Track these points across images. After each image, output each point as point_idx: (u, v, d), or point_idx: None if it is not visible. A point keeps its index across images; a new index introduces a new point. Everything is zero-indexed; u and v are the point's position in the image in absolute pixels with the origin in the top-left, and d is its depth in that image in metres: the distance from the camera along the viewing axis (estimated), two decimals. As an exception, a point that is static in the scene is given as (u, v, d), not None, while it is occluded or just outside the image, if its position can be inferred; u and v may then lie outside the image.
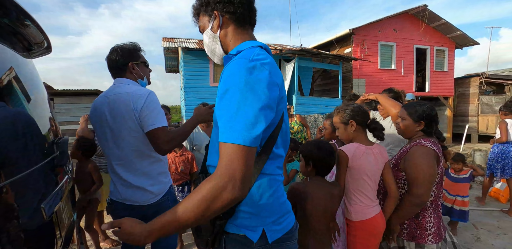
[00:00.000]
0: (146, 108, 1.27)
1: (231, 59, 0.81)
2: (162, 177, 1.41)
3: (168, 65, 11.30)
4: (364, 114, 1.46)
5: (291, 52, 7.70)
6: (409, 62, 10.12)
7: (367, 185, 1.42)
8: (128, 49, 1.42)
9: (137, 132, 1.29)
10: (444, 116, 11.11)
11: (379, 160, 1.45)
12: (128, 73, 1.41)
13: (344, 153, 1.40)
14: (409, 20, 9.94)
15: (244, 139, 0.65)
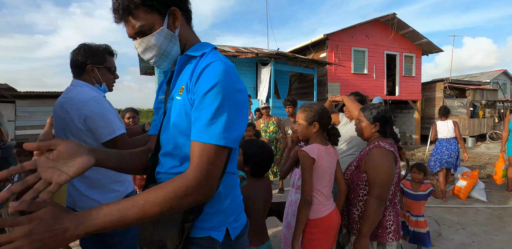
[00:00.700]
0: (90, 119, 1.19)
1: (190, 61, 0.78)
2: (116, 185, 1.34)
3: (143, 67, 11.01)
4: (328, 119, 1.51)
5: (267, 56, 7.79)
6: (380, 67, 10.61)
7: (327, 183, 1.48)
8: (94, 49, 1.33)
9: (84, 141, 1.21)
10: (413, 119, 11.73)
11: (334, 159, 1.54)
12: (86, 76, 1.33)
13: (308, 155, 1.42)
14: (380, 27, 10.45)
15: (226, 140, 0.67)
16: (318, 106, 1.52)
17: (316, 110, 1.49)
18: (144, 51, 0.78)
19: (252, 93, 8.59)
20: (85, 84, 1.32)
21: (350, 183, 1.58)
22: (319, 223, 1.44)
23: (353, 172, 1.56)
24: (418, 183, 2.65)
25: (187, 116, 0.72)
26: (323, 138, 1.54)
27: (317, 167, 1.44)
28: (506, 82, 18.91)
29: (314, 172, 1.44)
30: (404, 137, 11.59)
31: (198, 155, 0.66)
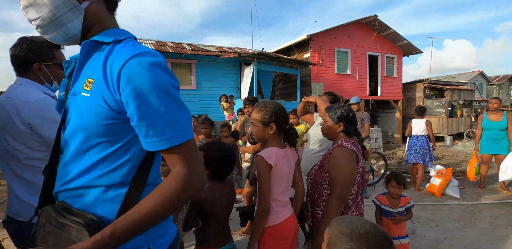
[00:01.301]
0: (36, 121, 1.09)
1: (98, 48, 0.67)
2: None
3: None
4: (286, 119, 1.42)
5: (250, 56, 7.75)
6: (363, 68, 10.79)
7: (284, 189, 1.40)
8: (39, 44, 1.19)
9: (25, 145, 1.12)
10: (394, 118, 12.00)
11: (292, 162, 1.46)
12: (32, 75, 1.20)
13: (265, 160, 1.31)
14: (362, 28, 10.63)
15: (191, 133, 0.67)
16: (273, 105, 1.40)
17: (272, 110, 1.37)
18: (28, 7, 0.63)
19: (236, 93, 8.53)
20: (31, 82, 1.20)
21: (314, 182, 1.55)
22: (271, 231, 1.36)
23: (317, 172, 1.53)
24: (397, 198, 2.21)
25: (99, 117, 0.62)
26: (280, 139, 1.44)
27: (275, 172, 1.34)
28: (482, 83, 19.70)
29: (272, 178, 1.34)
30: (386, 136, 11.84)
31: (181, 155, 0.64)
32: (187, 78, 8.27)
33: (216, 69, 8.49)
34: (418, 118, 4.60)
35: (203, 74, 8.34)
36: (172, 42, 9.42)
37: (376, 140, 9.12)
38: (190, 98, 8.12)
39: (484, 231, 3.00)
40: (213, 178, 1.49)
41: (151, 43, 8.58)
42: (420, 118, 4.56)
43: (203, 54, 7.98)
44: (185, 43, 9.63)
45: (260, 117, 1.39)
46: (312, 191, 1.57)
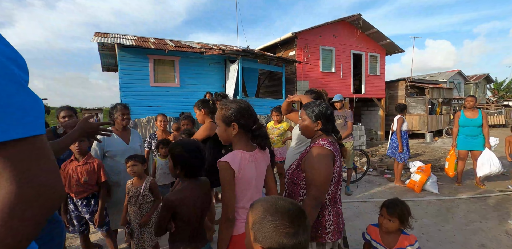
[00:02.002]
0: None
1: None
2: None
3: (104, 63, 10.36)
4: (250, 118, 1.29)
5: (234, 53, 7.66)
6: (347, 66, 10.92)
7: (254, 195, 1.32)
8: None
9: None
10: (378, 116, 12.26)
11: (262, 165, 1.37)
12: None
13: (228, 166, 1.20)
14: (346, 27, 10.74)
15: (35, 127, 0.48)
16: (237, 103, 1.29)
17: (234, 108, 1.26)
18: None
19: (221, 91, 8.41)
20: None
21: (291, 182, 1.51)
22: (239, 239, 1.24)
23: (294, 171, 1.50)
24: (392, 234, 1.68)
25: None
26: (247, 141, 1.32)
27: (239, 179, 1.23)
28: (460, 81, 20.46)
29: (236, 185, 1.24)
30: (370, 133, 12.08)
31: (3, 170, 0.44)
32: (171, 75, 8.07)
33: (200, 67, 8.33)
34: (398, 115, 4.76)
35: (187, 71, 8.17)
36: (154, 38, 9.17)
37: (360, 137, 9.27)
38: (173, 96, 7.95)
39: (459, 225, 3.10)
40: (186, 176, 1.44)
41: (132, 38, 8.31)
42: (398, 115, 4.76)
43: (187, 50, 7.81)
44: (168, 40, 9.40)
45: (222, 116, 1.29)
46: (290, 190, 1.54)
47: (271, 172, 1.45)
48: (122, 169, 2.39)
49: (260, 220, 0.74)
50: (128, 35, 8.93)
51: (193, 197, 1.39)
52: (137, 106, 7.48)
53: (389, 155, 4.81)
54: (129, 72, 7.50)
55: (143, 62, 7.64)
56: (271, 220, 0.72)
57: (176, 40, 9.59)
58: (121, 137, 2.48)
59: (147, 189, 2.21)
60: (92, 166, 2.19)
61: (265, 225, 0.73)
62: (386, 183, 4.85)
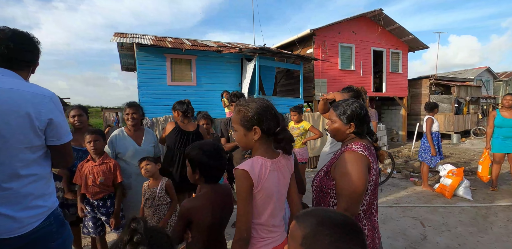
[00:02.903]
0: (57, 116, 1.07)
1: None
2: (41, 199, 1.09)
3: (123, 63, 10.55)
4: (274, 119, 1.11)
5: (251, 51, 7.53)
6: (367, 64, 10.52)
7: (276, 210, 1.15)
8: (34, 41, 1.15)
9: (27, 145, 1.03)
10: (400, 115, 11.75)
11: (286, 173, 1.18)
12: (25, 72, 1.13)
13: (247, 175, 1.03)
14: (367, 23, 10.33)
15: None
16: (257, 103, 1.10)
17: (255, 110, 1.07)
18: None
19: (237, 90, 8.32)
20: (17, 75, 1.09)
21: (319, 190, 1.36)
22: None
23: (323, 178, 1.34)
24: None
25: None
26: (269, 146, 1.15)
27: (259, 191, 1.06)
28: (489, 79, 19.29)
29: (255, 198, 1.07)
30: (391, 133, 11.60)
31: None
32: (187, 74, 8.06)
33: (217, 65, 8.27)
34: (427, 114, 4.43)
35: (203, 70, 8.13)
36: (172, 38, 9.21)
37: (381, 137, 8.90)
38: (190, 95, 7.91)
39: (500, 236, 2.81)
40: (207, 182, 1.32)
41: (150, 38, 8.37)
42: (427, 115, 4.41)
43: (203, 49, 7.77)
44: (185, 39, 9.42)
45: (240, 120, 1.11)
46: (318, 199, 1.39)
47: (294, 182, 1.27)
48: (133, 171, 2.32)
49: (314, 234, 0.65)
50: (146, 35, 9.02)
51: (212, 204, 1.27)
52: (154, 105, 7.53)
53: (419, 159, 4.49)
54: (147, 71, 7.56)
55: (160, 62, 7.67)
56: (328, 234, 0.63)
57: (193, 39, 9.59)
58: (133, 137, 2.39)
59: (162, 190, 2.14)
60: (109, 166, 2.13)
61: (321, 240, 0.63)
62: (412, 187, 4.56)
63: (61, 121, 1.10)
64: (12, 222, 1.01)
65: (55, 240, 1.12)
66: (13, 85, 1.01)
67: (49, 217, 1.11)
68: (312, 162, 6.71)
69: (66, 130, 1.13)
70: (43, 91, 1.06)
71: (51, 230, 1.11)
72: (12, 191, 1.01)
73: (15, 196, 1.02)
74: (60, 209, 1.23)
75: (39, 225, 1.07)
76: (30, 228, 1.04)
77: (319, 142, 6.79)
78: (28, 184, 1.04)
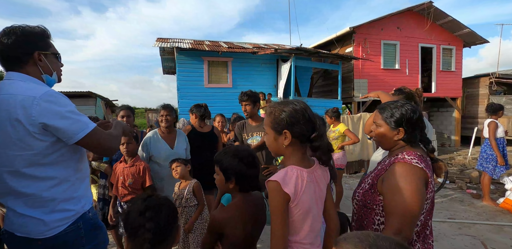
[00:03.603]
0: (49, 117, 0.97)
1: None
2: (69, 203, 1.09)
3: (165, 66, 11.11)
4: (308, 125, 0.98)
5: (287, 52, 7.38)
6: (414, 62, 9.68)
7: (313, 226, 1.03)
8: (35, 33, 1.07)
9: (28, 150, 0.99)
10: (452, 118, 10.60)
11: (322, 185, 1.05)
12: (29, 66, 1.07)
13: (280, 188, 0.92)
14: (414, 17, 9.52)
15: None
16: (291, 105, 0.99)
17: (287, 112, 0.97)
18: None
19: (273, 91, 8.23)
20: (28, 77, 1.05)
21: (362, 205, 1.18)
22: None
23: (367, 192, 1.16)
24: None
25: None
26: (304, 154, 1.02)
27: (295, 206, 0.95)
28: None
29: (291, 213, 0.95)
30: (441, 138, 10.51)
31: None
32: (223, 76, 8.20)
33: (252, 67, 8.28)
34: (489, 117, 3.88)
35: (239, 72, 8.19)
36: (209, 41, 9.46)
37: (429, 142, 8.09)
38: (226, 97, 8.03)
39: None
40: (241, 191, 1.23)
41: (189, 42, 8.68)
42: (489, 118, 3.86)
43: (239, 51, 7.83)
44: (222, 42, 9.61)
45: (271, 122, 1.01)
46: (360, 215, 1.21)
47: (330, 194, 1.13)
48: (165, 174, 2.32)
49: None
50: (185, 39, 9.39)
51: (243, 216, 1.17)
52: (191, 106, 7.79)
53: (479, 168, 3.93)
54: (185, 74, 7.84)
55: (198, 64, 7.91)
56: None
57: (229, 42, 9.75)
58: (166, 140, 2.40)
59: (190, 192, 2.13)
60: (138, 169, 2.14)
61: None
62: (470, 200, 4.01)
63: (58, 123, 0.98)
64: (41, 225, 1.02)
65: (84, 244, 1.11)
66: (11, 90, 0.99)
67: (77, 221, 1.10)
68: (350, 167, 6.32)
69: (77, 126, 1.02)
70: (34, 93, 0.98)
71: (79, 234, 1.10)
72: (35, 195, 1.02)
73: (40, 200, 1.03)
74: (94, 212, 1.22)
75: (66, 229, 1.06)
76: (56, 231, 1.04)
77: (359, 146, 6.37)
78: (49, 188, 1.03)
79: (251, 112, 2.43)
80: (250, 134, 2.46)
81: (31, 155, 0.99)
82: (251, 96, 2.42)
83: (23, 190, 1.01)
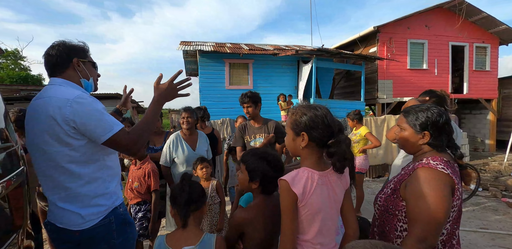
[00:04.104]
0: (79, 118, 1.06)
1: None
2: (101, 198, 1.17)
3: (188, 69, 11.41)
4: (326, 131, 1.00)
5: (308, 53, 7.32)
6: (444, 61, 9.19)
7: (325, 231, 1.03)
8: (75, 45, 1.24)
9: (66, 146, 1.08)
10: (486, 121, 9.93)
11: (338, 189, 1.05)
12: (70, 71, 1.20)
13: (289, 187, 0.96)
14: (444, 15, 9.06)
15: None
16: (313, 109, 1.01)
17: (306, 115, 1.00)
18: None
19: (294, 93, 8.18)
20: (67, 82, 1.18)
21: (384, 210, 1.15)
22: None
23: (389, 197, 1.13)
24: None
25: None
26: (320, 157, 1.04)
27: (303, 206, 0.98)
28: None
29: (300, 213, 0.98)
30: (473, 142, 9.87)
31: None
32: (244, 78, 8.28)
33: (273, 68, 8.29)
34: None
35: (259, 73, 8.24)
36: (230, 43, 9.60)
37: (461, 146, 7.63)
38: (246, 98, 8.08)
39: None
40: (263, 192, 1.25)
41: (211, 45, 8.87)
42: None
43: (260, 53, 7.87)
44: (243, 44, 9.71)
45: (291, 123, 1.06)
46: (381, 221, 1.18)
47: (349, 200, 1.12)
48: None
49: None
50: (207, 42, 9.60)
51: (264, 218, 1.19)
52: (213, 108, 7.92)
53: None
54: (207, 76, 8.02)
55: (220, 66, 8.05)
56: None
57: (250, 44, 9.83)
58: (188, 142, 2.45)
59: (214, 190, 2.20)
60: (144, 172, 2.16)
61: None
62: (505, 210, 3.73)
63: (87, 124, 1.06)
64: (78, 218, 1.12)
65: (115, 238, 1.19)
66: (51, 93, 1.10)
67: (109, 215, 1.18)
68: (373, 170, 6.12)
69: (104, 128, 1.08)
70: (69, 95, 1.07)
71: (111, 228, 1.18)
72: (72, 190, 1.11)
73: (76, 195, 1.12)
74: (124, 208, 1.30)
75: (99, 222, 1.15)
76: (91, 224, 1.13)
77: (383, 150, 6.16)
78: (84, 184, 1.12)
79: (253, 113, 2.39)
80: (252, 136, 2.41)
81: (68, 152, 1.08)
82: (252, 97, 2.37)
83: (65, 185, 1.10)
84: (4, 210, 1.16)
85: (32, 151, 1.13)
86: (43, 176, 1.13)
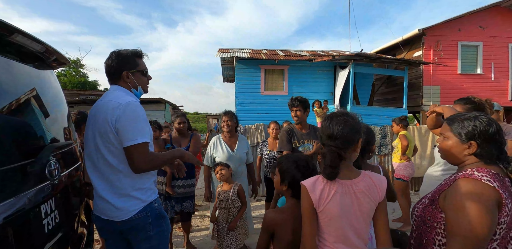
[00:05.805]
0: (121, 120, 1.20)
1: None
2: (138, 193, 1.29)
3: (225, 75, 11.82)
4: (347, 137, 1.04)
5: (345, 58, 7.14)
6: (502, 65, 8.29)
7: (345, 240, 1.02)
8: (125, 55, 1.38)
9: (110, 143, 1.23)
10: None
11: (365, 200, 1.02)
12: (121, 82, 1.38)
13: (307, 191, 1.00)
14: (502, 14, 8.22)
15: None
16: (334, 119, 1.04)
17: (327, 124, 1.05)
18: None
19: (330, 99, 8.01)
20: (122, 89, 1.36)
21: (421, 221, 1.09)
22: None
23: (427, 207, 1.07)
24: None
25: None
26: (348, 165, 1.07)
27: (321, 212, 1.00)
28: None
29: (318, 218, 1.01)
30: (540, 156, 8.65)
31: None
32: (279, 84, 8.34)
33: (308, 74, 8.23)
34: None
35: (295, 79, 8.23)
36: (266, 50, 9.76)
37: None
38: (282, 104, 8.11)
39: None
40: (293, 196, 1.28)
41: (247, 51, 9.10)
42: None
43: (295, 59, 7.88)
44: (279, 50, 9.81)
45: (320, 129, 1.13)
46: (419, 233, 1.11)
47: (384, 214, 1.07)
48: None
49: None
50: (244, 49, 9.87)
51: (294, 220, 1.20)
52: (248, 113, 8.09)
53: None
54: (243, 82, 8.23)
55: (255, 72, 8.22)
56: None
57: (286, 50, 9.89)
58: (228, 143, 2.60)
59: (235, 194, 2.28)
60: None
61: None
62: None
63: (123, 126, 1.19)
64: (116, 210, 1.24)
65: (151, 230, 1.30)
66: (110, 97, 1.28)
67: (145, 208, 1.29)
68: (417, 183, 5.68)
69: (133, 135, 1.20)
70: (122, 100, 1.23)
71: (147, 220, 1.30)
72: (113, 183, 1.25)
73: (116, 188, 1.25)
74: (159, 203, 1.42)
75: (136, 215, 1.27)
76: (128, 215, 1.25)
77: (427, 160, 5.69)
78: (123, 178, 1.25)
79: (302, 118, 2.38)
80: (301, 141, 2.41)
81: (112, 148, 1.23)
82: (302, 101, 2.38)
83: (108, 176, 1.24)
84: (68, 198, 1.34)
85: (87, 142, 1.30)
86: (92, 167, 1.28)
